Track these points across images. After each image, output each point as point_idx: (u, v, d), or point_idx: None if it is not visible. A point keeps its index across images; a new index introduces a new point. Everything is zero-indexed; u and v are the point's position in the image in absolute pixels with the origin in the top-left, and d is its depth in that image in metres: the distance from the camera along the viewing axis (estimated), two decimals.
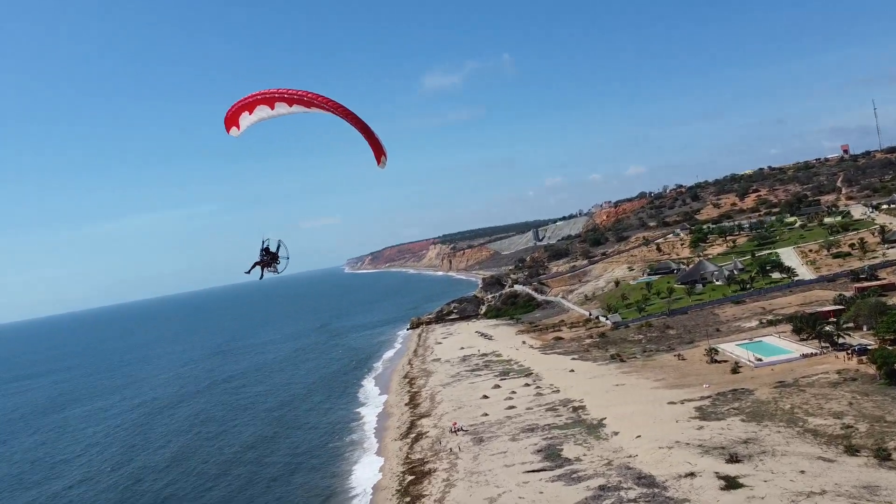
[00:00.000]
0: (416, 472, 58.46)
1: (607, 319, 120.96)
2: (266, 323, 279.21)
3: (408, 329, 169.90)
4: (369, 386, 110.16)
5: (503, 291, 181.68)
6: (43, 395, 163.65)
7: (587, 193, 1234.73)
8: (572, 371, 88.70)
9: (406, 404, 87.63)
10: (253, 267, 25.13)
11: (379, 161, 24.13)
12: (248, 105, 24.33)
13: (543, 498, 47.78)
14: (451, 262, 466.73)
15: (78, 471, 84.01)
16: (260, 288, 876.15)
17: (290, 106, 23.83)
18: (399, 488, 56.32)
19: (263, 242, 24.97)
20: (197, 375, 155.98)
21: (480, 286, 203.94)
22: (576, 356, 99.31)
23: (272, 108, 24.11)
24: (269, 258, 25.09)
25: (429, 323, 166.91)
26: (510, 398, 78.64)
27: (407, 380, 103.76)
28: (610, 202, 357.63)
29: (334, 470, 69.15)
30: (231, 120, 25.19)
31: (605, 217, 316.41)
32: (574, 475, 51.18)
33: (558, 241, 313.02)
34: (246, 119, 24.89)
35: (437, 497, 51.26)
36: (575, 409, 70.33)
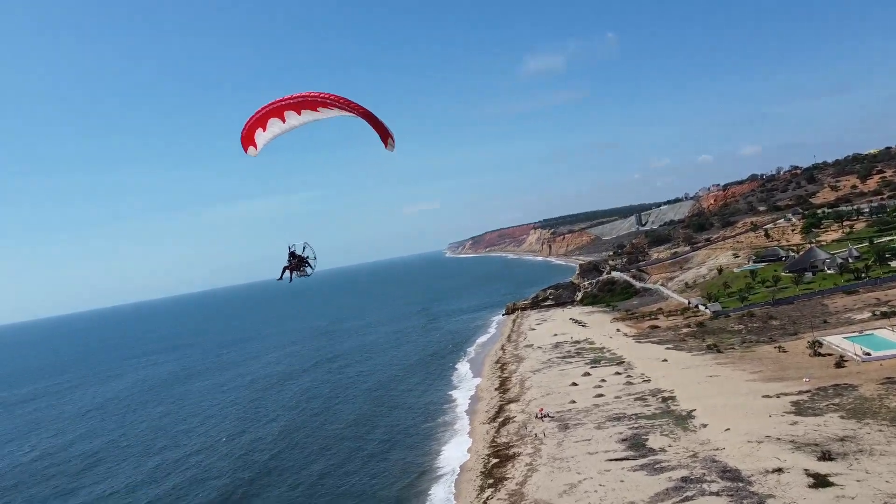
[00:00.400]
0: (501, 456, 60.30)
1: (706, 308, 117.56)
2: (368, 306, 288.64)
3: (503, 314, 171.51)
4: (463, 369, 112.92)
5: (600, 278, 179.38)
6: (167, 369, 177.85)
7: (695, 176, 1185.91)
8: (665, 361, 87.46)
9: (496, 389, 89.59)
10: (283, 272, 25.23)
11: (386, 144, 23.34)
12: (260, 120, 23.77)
13: (623, 486, 48.30)
14: (550, 246, 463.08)
15: (196, 440, 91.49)
16: (362, 272, 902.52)
17: (299, 114, 23.29)
18: (483, 470, 58.42)
19: (291, 247, 25.08)
20: (303, 355, 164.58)
21: (577, 272, 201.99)
22: (670, 346, 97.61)
23: (283, 119, 23.61)
24: (296, 262, 25.16)
25: (524, 309, 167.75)
26: (599, 386, 78.80)
27: (499, 365, 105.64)
28: (718, 185, 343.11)
29: (426, 449, 72.17)
30: (247, 139, 24.53)
31: (712, 201, 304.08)
32: (657, 465, 51.26)
33: (660, 226, 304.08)
34: (262, 136, 24.31)
35: (518, 480, 52.89)
36: (664, 399, 69.70)
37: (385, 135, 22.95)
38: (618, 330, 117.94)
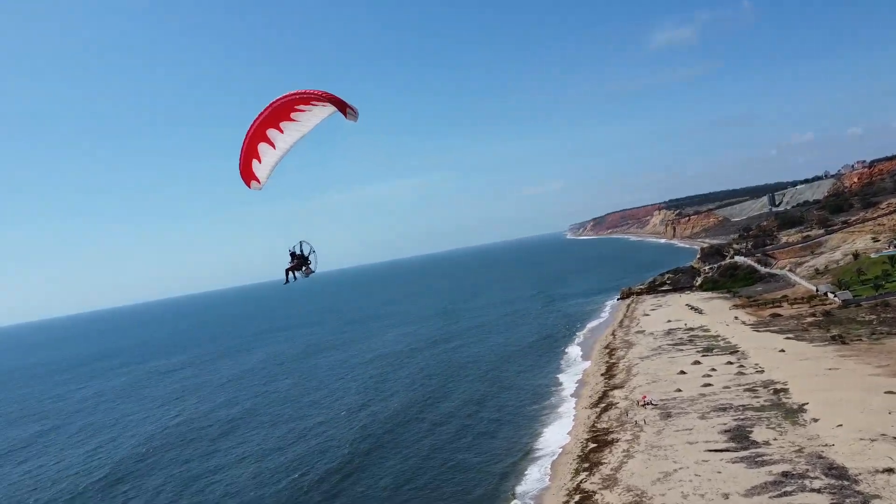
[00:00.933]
0: (599, 441, 61.38)
1: (835, 296, 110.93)
2: (487, 288, 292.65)
3: (618, 299, 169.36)
4: (573, 353, 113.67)
5: (722, 262, 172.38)
6: (297, 344, 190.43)
7: (840, 151, 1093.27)
8: (782, 351, 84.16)
9: (602, 374, 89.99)
10: (287, 275, 25.31)
11: (346, 114, 21.94)
12: (250, 150, 23.06)
13: (720, 478, 48.26)
14: (674, 228, 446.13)
15: (320, 412, 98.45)
16: (483, 253, 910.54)
17: (280, 130, 22.60)
18: (580, 454, 59.82)
19: (291, 249, 25.12)
20: (422, 334, 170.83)
21: (698, 256, 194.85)
22: (790, 335, 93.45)
23: (269, 142, 22.91)
24: (298, 261, 25.21)
25: (639, 293, 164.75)
26: (708, 375, 77.39)
27: (608, 350, 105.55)
28: (864, 161, 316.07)
29: (529, 430, 74.39)
30: (245, 174, 23.80)
31: (855, 179, 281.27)
32: (758, 458, 50.61)
33: (794, 207, 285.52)
34: (260, 168, 23.55)
35: (613, 466, 53.97)
36: (776, 391, 67.68)
37: (343, 106, 21.63)
38: (736, 317, 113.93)
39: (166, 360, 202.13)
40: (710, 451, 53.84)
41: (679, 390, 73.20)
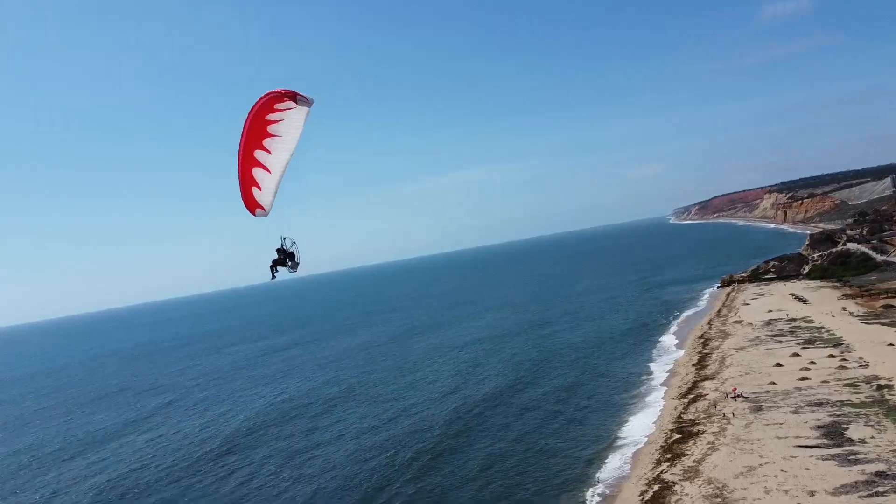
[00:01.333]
0: (684, 432, 61.01)
1: None
2: (585, 273, 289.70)
3: (718, 287, 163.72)
4: (666, 343, 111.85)
5: (833, 250, 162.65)
6: (395, 327, 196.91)
7: None
8: (892, 345, 79.66)
9: (693, 365, 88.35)
10: (272, 271, 25.57)
11: (297, 101, 21.90)
12: (247, 178, 22.81)
13: (807, 475, 47.26)
14: (785, 213, 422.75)
15: (415, 394, 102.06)
16: (583, 238, 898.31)
17: (269, 151, 22.35)
18: (664, 444, 59.75)
19: (281, 243, 25.25)
20: (516, 319, 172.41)
21: (807, 243, 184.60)
22: None
23: (262, 166, 22.63)
24: (283, 256, 25.35)
25: (741, 282, 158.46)
26: (807, 369, 74.62)
27: (702, 340, 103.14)
28: None
29: (617, 419, 74.67)
30: (249, 203, 23.47)
31: None
32: (851, 457, 49.10)
33: None
34: (262, 196, 23.21)
35: (696, 457, 53.73)
36: (879, 387, 64.65)
37: (294, 95, 21.73)
38: (843, 308, 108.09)
39: (273, 340, 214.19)
40: (800, 446, 52.61)
41: (773, 383, 71.15)
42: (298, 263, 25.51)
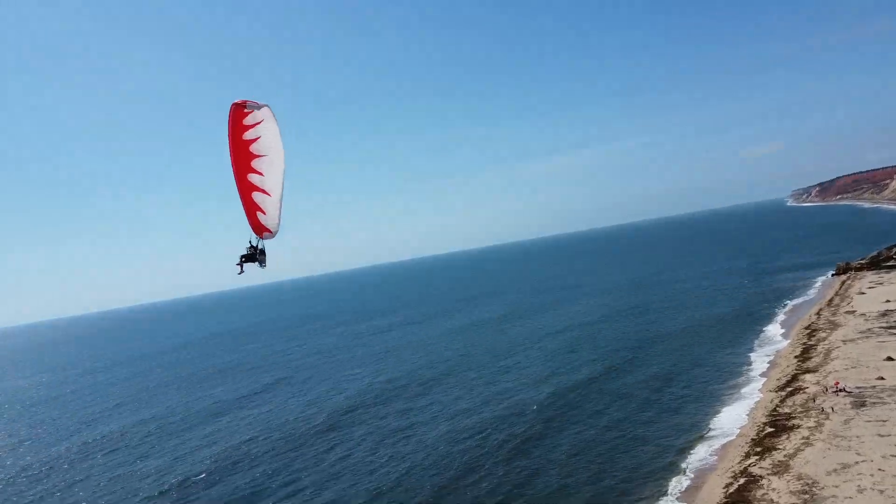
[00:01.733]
0: (778, 426, 59.34)
1: None
2: (691, 258, 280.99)
3: (832, 274, 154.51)
4: (770, 332, 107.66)
5: None
6: (493, 311, 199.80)
7: None
8: None
9: (796, 356, 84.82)
10: (241, 265, 25.35)
11: (245, 107, 21.80)
12: (250, 205, 22.41)
13: None
14: None
15: (510, 378, 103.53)
16: (694, 221, 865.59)
17: (261, 173, 22.06)
18: (755, 437, 58.40)
19: (254, 241, 24.96)
20: (615, 305, 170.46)
21: None
22: None
23: (259, 190, 22.30)
24: (253, 252, 25.11)
25: (858, 269, 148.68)
26: None
27: (808, 331, 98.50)
28: None
29: (710, 409, 73.36)
30: (255, 227, 22.98)
31: None
32: None
33: None
34: (266, 219, 22.78)
35: (788, 452, 52.38)
36: None
37: (255, 103, 21.80)
38: None
39: (376, 321, 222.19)
40: None
41: (881, 378, 67.61)
42: (266, 261, 25.03)
